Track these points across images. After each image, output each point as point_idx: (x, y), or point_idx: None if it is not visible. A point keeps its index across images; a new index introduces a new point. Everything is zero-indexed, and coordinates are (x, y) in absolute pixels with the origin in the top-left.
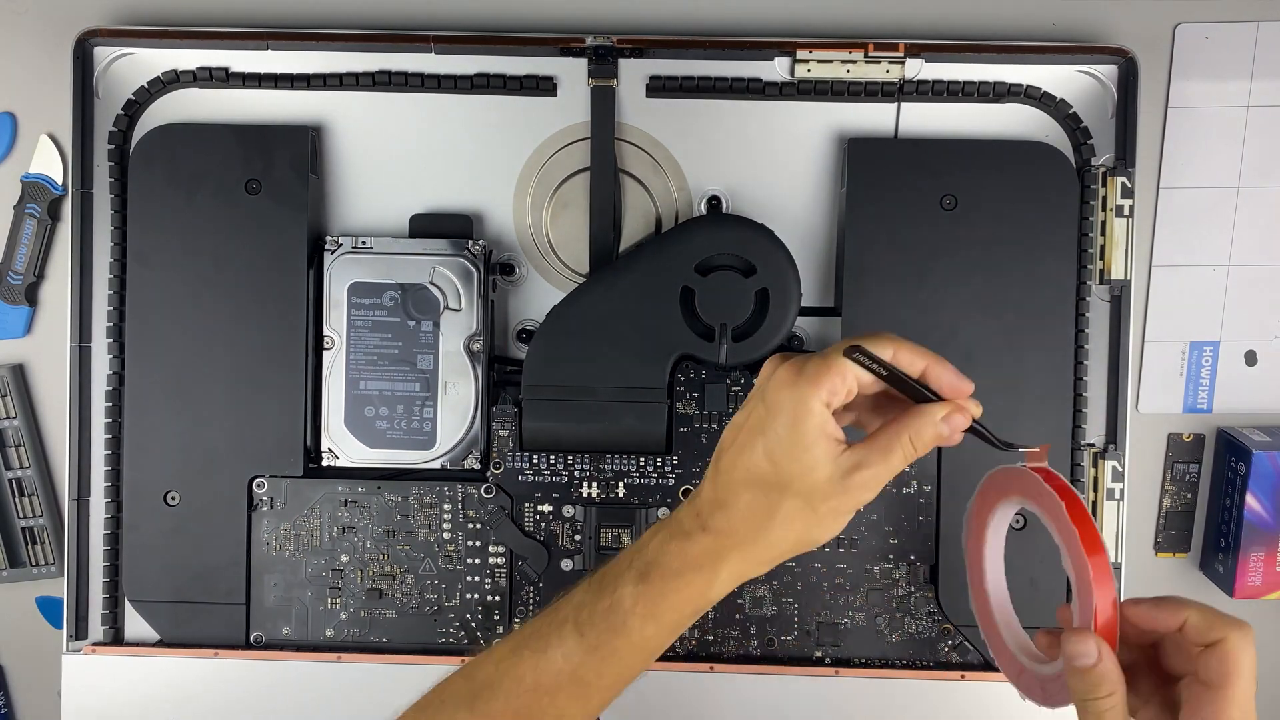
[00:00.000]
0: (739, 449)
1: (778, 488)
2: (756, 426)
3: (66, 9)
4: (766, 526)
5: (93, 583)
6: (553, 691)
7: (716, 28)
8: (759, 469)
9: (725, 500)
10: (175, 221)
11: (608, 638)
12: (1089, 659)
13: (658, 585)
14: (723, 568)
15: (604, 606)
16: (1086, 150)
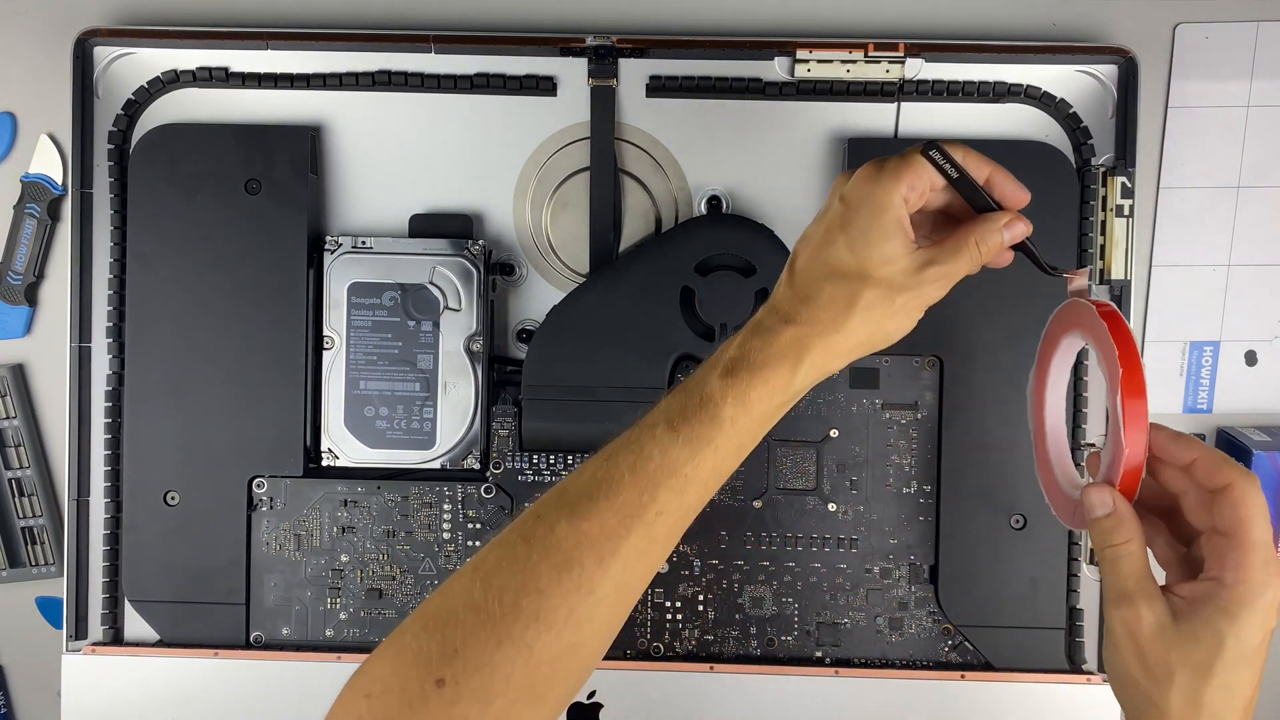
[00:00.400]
0: (819, 246)
1: (858, 277)
2: (836, 223)
3: (66, 9)
4: (848, 315)
5: (92, 583)
6: (651, 488)
7: (716, 28)
8: (840, 261)
9: (807, 294)
10: (175, 221)
11: (700, 429)
12: (1105, 509)
13: (744, 378)
14: (805, 358)
15: (694, 403)
16: (1086, 150)
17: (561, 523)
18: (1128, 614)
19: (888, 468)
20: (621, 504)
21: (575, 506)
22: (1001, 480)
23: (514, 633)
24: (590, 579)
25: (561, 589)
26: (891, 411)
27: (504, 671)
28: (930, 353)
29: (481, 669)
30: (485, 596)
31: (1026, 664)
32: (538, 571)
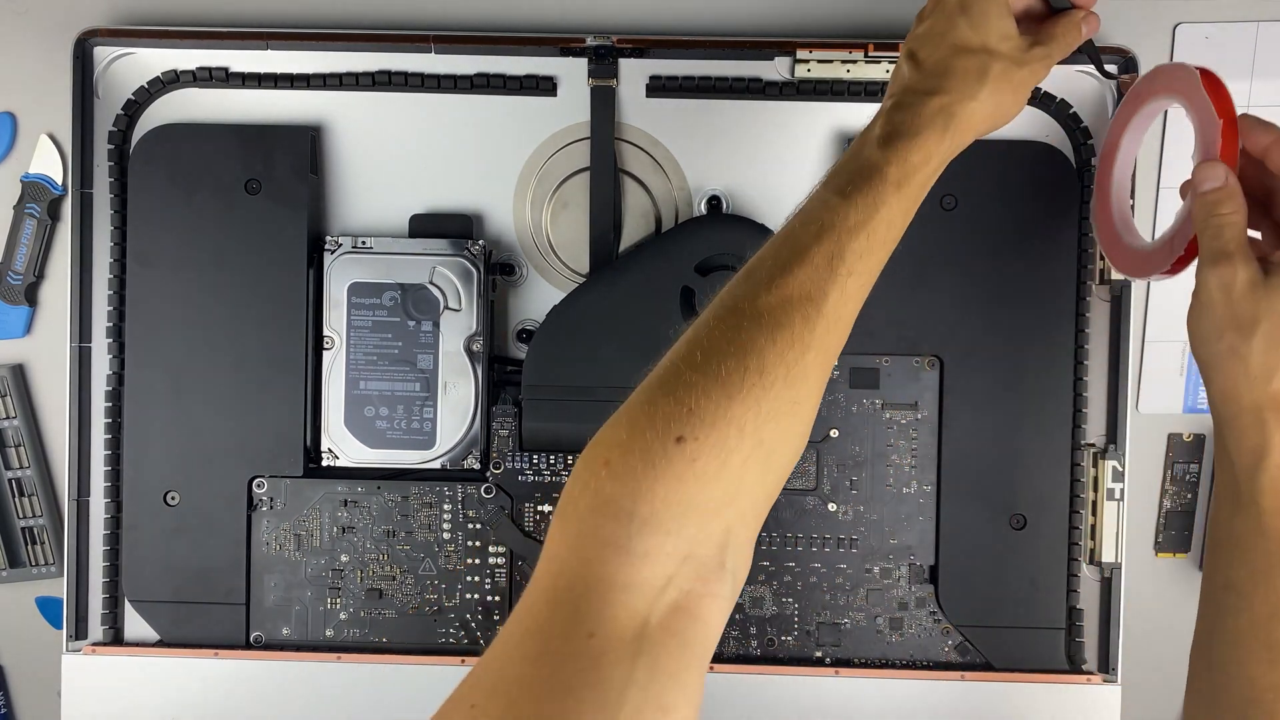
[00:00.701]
0: (940, 34)
1: (984, 51)
2: (955, 9)
3: (66, 9)
4: (980, 84)
5: (93, 583)
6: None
7: (716, 28)
8: (966, 39)
9: (942, 69)
10: (175, 221)
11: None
12: (1216, 181)
13: (902, 144)
14: (951, 123)
15: (859, 171)
16: (1086, 150)
17: (762, 294)
18: (1225, 271)
19: (888, 468)
20: (815, 268)
21: (772, 278)
22: (1001, 480)
23: (741, 391)
24: (800, 338)
25: (776, 349)
26: (891, 411)
27: (737, 426)
28: (930, 353)
29: (717, 424)
30: (707, 361)
31: (1026, 664)
32: (752, 335)
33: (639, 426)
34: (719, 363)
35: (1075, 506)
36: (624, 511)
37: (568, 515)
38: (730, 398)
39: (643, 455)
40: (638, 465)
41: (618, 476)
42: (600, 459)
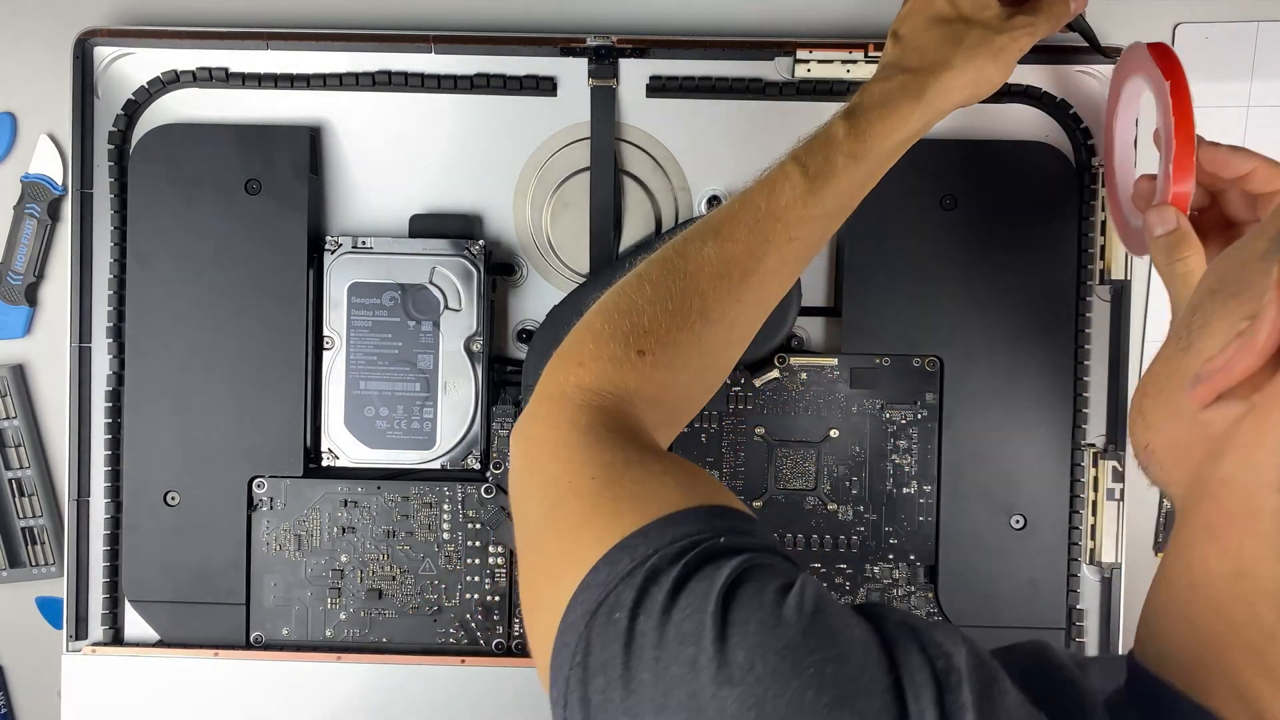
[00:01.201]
0: (919, 10)
1: (960, 19)
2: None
3: (66, 9)
4: (954, 51)
5: (93, 583)
6: (784, 216)
7: (716, 28)
8: (941, 10)
9: (916, 44)
10: (175, 221)
11: (824, 165)
12: (1166, 227)
13: (863, 117)
14: (923, 96)
15: (819, 143)
16: (1086, 150)
17: (709, 244)
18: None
19: (887, 468)
20: (761, 230)
21: (719, 231)
22: (1001, 480)
23: (688, 323)
24: (737, 289)
25: (717, 293)
26: (891, 411)
27: (684, 353)
28: (930, 353)
29: (669, 345)
30: (656, 294)
31: None
32: (697, 279)
33: (603, 339)
34: (666, 297)
35: (1075, 506)
36: (607, 391)
37: (551, 399)
38: (679, 327)
39: (610, 360)
40: (608, 366)
41: (591, 372)
42: (573, 360)
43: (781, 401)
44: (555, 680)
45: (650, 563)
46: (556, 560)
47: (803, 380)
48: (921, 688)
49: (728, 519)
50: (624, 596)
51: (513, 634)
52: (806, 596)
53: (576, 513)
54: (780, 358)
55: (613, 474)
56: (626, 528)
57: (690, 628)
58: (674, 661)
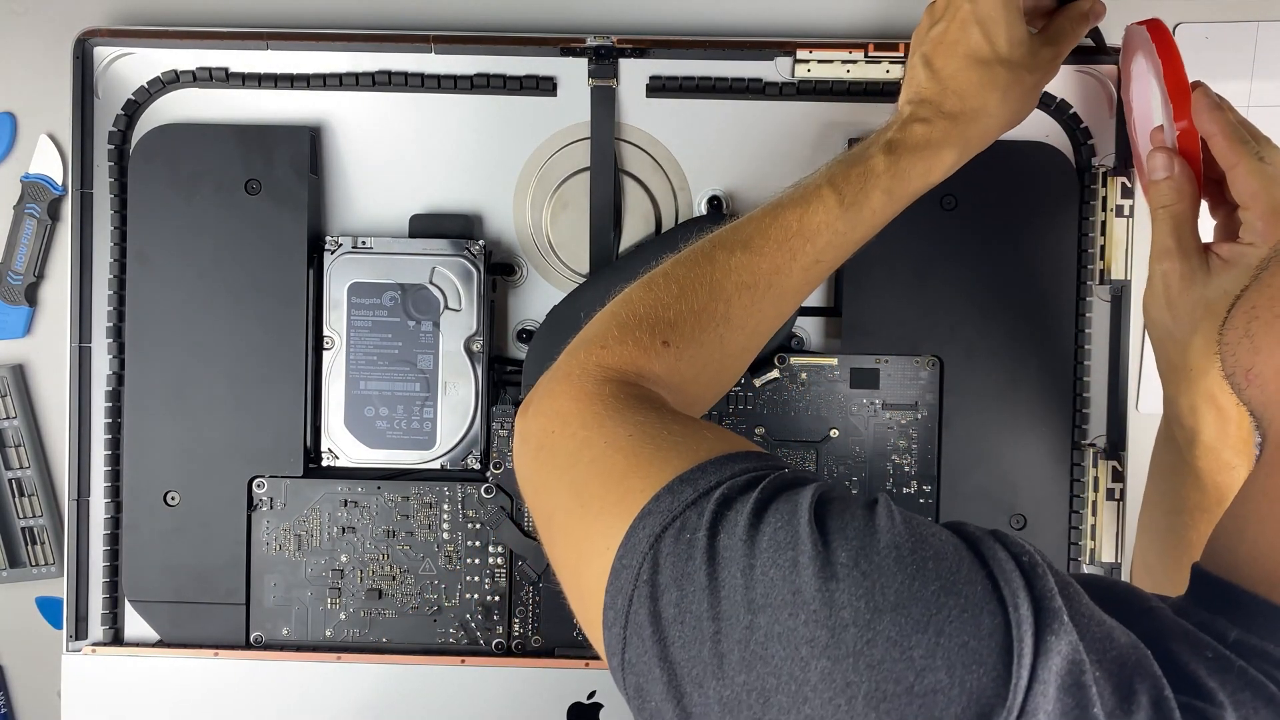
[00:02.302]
0: (953, 42)
1: (995, 60)
2: (968, 20)
3: (66, 9)
4: (989, 96)
5: (93, 583)
6: (814, 238)
7: (716, 28)
8: (978, 48)
9: (954, 86)
10: (175, 221)
11: (861, 197)
12: (1165, 172)
13: (905, 159)
14: (957, 144)
15: (857, 173)
16: (1087, 150)
17: (739, 253)
18: (1166, 266)
19: (888, 468)
20: (790, 248)
21: (749, 243)
22: (1001, 480)
23: (712, 325)
24: (761, 299)
25: (741, 302)
26: (891, 411)
27: (706, 351)
28: (930, 353)
29: (693, 342)
30: (683, 294)
31: None
32: (723, 286)
33: (628, 326)
34: (693, 297)
35: (1075, 506)
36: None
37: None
38: (703, 329)
39: (636, 344)
40: (633, 350)
41: (615, 354)
42: (596, 343)
43: (781, 401)
44: (613, 602)
45: (720, 491)
46: (605, 505)
47: (803, 380)
48: (1010, 574)
49: (782, 462)
50: (695, 520)
51: (512, 634)
52: (893, 509)
53: (620, 464)
54: (780, 358)
55: (651, 430)
56: (681, 467)
57: (785, 537)
58: (771, 566)
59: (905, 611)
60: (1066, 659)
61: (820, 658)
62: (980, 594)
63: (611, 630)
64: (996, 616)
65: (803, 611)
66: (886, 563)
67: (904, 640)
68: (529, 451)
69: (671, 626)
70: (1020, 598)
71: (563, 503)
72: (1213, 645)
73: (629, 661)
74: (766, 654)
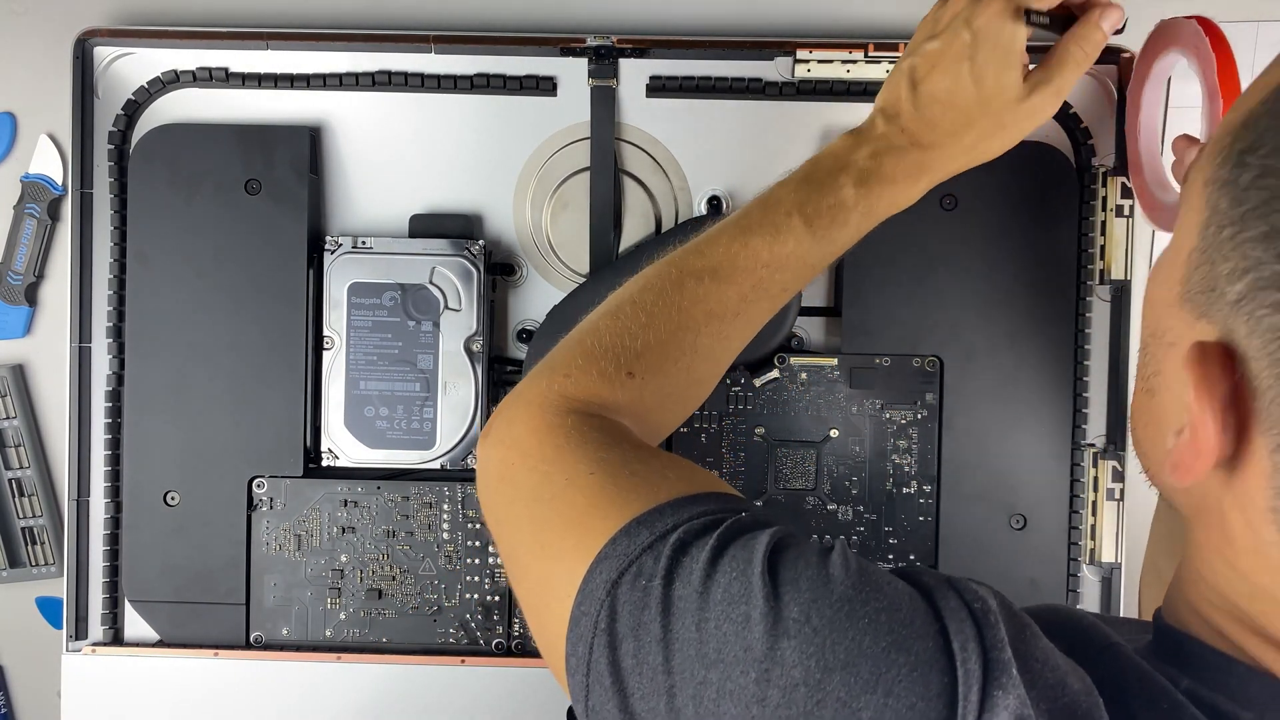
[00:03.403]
0: (943, 74)
1: (978, 106)
2: (962, 53)
3: (66, 9)
4: (963, 139)
5: (93, 583)
6: (782, 269)
7: (716, 28)
8: (963, 92)
9: (931, 119)
10: (175, 221)
11: (831, 230)
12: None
13: (876, 190)
14: (926, 176)
15: (828, 204)
16: (1087, 150)
17: (706, 280)
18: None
19: (887, 468)
20: (758, 280)
21: (718, 272)
22: (1001, 480)
23: (679, 355)
24: (728, 328)
25: (709, 331)
26: (891, 411)
27: (672, 380)
28: (930, 353)
29: (658, 373)
30: (651, 324)
31: None
32: (692, 315)
33: (594, 355)
34: (661, 327)
35: (1075, 506)
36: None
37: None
38: (669, 359)
39: (600, 375)
40: (596, 380)
41: (579, 384)
42: (559, 371)
43: (781, 401)
44: (574, 649)
45: (676, 535)
46: (564, 547)
47: (803, 380)
48: (963, 624)
49: (740, 503)
50: (650, 566)
51: (513, 634)
52: (849, 557)
53: (580, 503)
54: (780, 358)
55: (611, 468)
56: (639, 508)
57: (738, 590)
58: (724, 620)
59: (854, 670)
60: (1013, 714)
61: (771, 718)
62: (930, 650)
63: (574, 678)
64: (945, 675)
65: (754, 669)
66: (839, 617)
67: (853, 701)
68: (490, 483)
69: (630, 677)
70: (970, 650)
71: (524, 541)
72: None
73: (593, 709)
74: (719, 711)
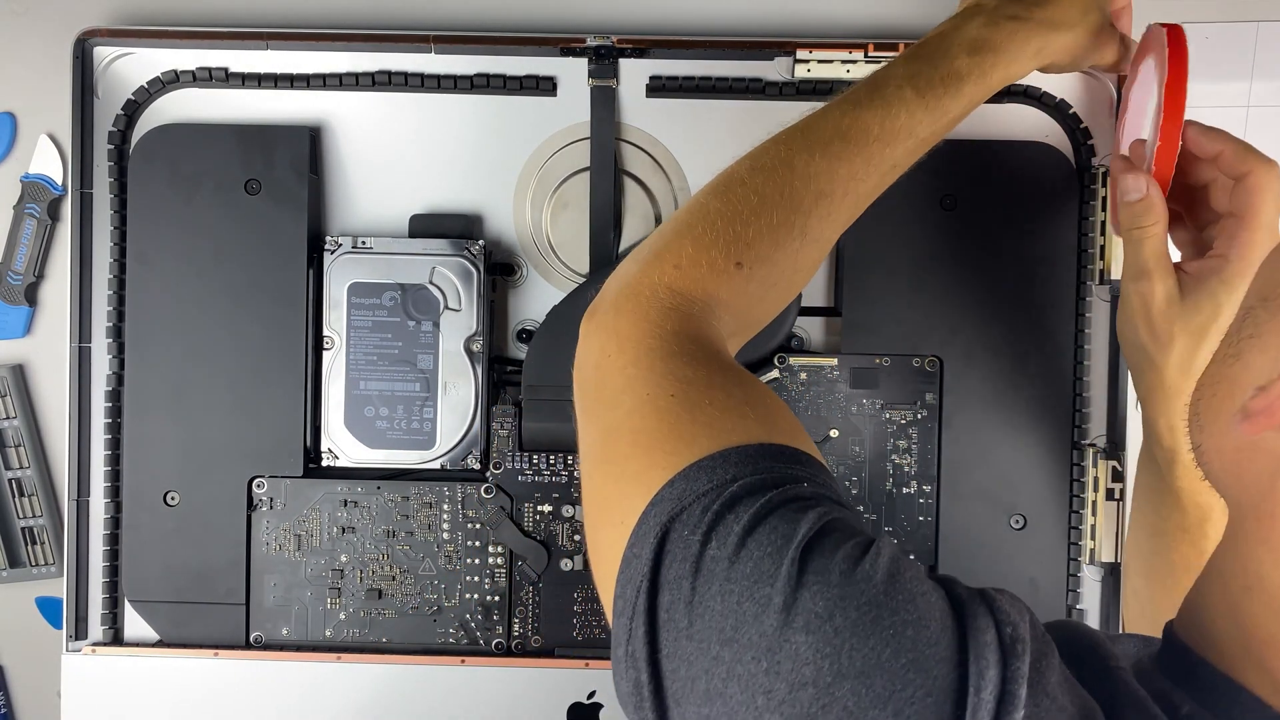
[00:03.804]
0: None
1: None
2: None
3: (66, 9)
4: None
5: (93, 583)
6: (894, 143)
7: (716, 28)
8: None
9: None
10: (175, 221)
11: (943, 100)
12: (1138, 194)
13: (990, 59)
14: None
15: (940, 74)
16: (1086, 150)
17: (818, 157)
18: (1144, 287)
19: (888, 468)
20: (869, 154)
21: (829, 146)
22: (1001, 480)
23: (788, 240)
24: (835, 209)
25: (817, 213)
26: (891, 411)
27: (778, 269)
28: (930, 353)
29: (766, 261)
30: (763, 207)
31: None
32: (801, 196)
33: (704, 244)
34: (771, 213)
35: (1075, 506)
36: (699, 299)
37: (639, 295)
38: (778, 245)
39: (709, 266)
40: (705, 272)
41: (689, 277)
42: (668, 261)
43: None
44: (623, 590)
45: (730, 489)
46: (629, 472)
47: (803, 380)
48: (988, 651)
49: (808, 466)
50: (697, 517)
51: (513, 634)
52: (887, 557)
53: (652, 428)
54: (780, 358)
55: (694, 394)
56: (705, 449)
57: (767, 567)
58: (746, 598)
59: (868, 681)
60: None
61: (774, 712)
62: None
63: (620, 620)
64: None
65: (765, 659)
66: (864, 621)
67: (860, 714)
68: (586, 366)
69: (663, 631)
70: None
71: (594, 446)
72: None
73: (632, 654)
74: (726, 692)
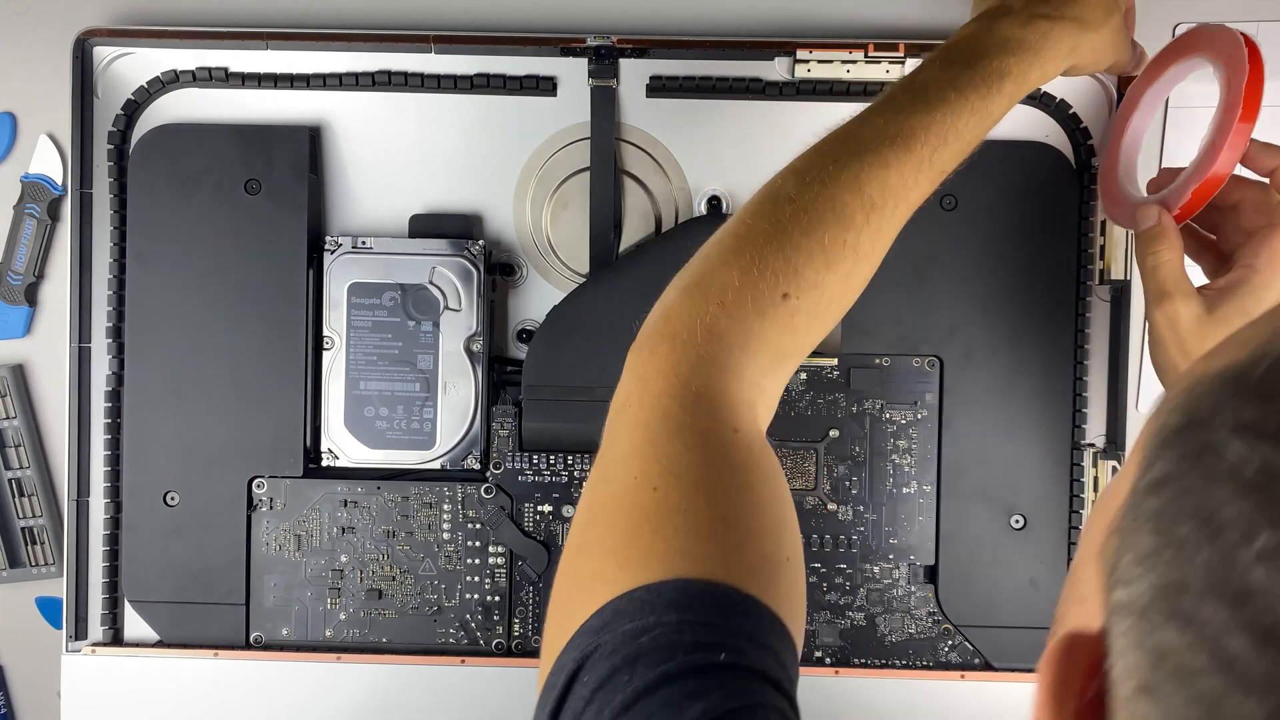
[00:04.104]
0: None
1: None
2: None
3: (66, 9)
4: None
5: (93, 583)
6: (940, 146)
7: (716, 28)
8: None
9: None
10: (175, 221)
11: (986, 101)
12: (1150, 222)
13: (1028, 59)
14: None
15: (982, 74)
16: (1086, 150)
17: (867, 168)
18: (1168, 309)
19: (887, 468)
20: (916, 159)
21: (878, 153)
22: (1001, 480)
23: (839, 260)
24: (888, 222)
25: (870, 228)
26: (891, 411)
27: (828, 295)
28: (930, 353)
29: (814, 289)
30: (813, 227)
31: (1026, 664)
32: (852, 211)
33: (751, 276)
34: (823, 231)
35: (1075, 506)
36: (736, 345)
37: (677, 338)
38: (830, 267)
39: (754, 302)
40: (750, 311)
41: (732, 315)
42: (715, 299)
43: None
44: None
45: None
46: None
47: (803, 380)
48: None
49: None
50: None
51: (513, 634)
52: None
53: (622, 528)
54: None
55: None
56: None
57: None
58: None
59: None
60: None
61: None
62: None
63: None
64: None
65: None
66: None
67: None
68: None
69: None
70: None
71: (582, 514)
72: None
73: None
74: None
